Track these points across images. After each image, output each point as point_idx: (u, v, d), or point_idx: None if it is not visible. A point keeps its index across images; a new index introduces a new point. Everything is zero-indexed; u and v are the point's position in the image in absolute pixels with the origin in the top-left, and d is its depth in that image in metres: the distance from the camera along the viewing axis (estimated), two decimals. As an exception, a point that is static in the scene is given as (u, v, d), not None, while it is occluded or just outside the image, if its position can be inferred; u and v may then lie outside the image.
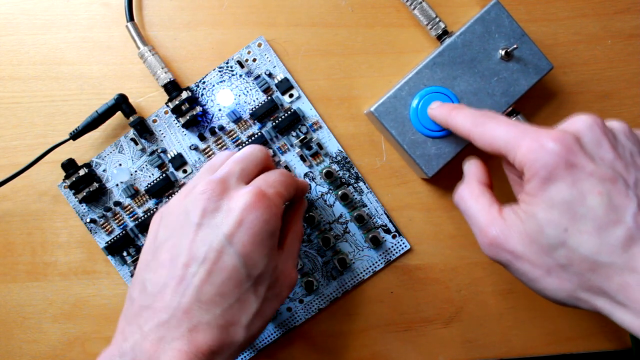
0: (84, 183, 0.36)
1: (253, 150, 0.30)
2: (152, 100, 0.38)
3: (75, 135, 0.36)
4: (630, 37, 0.37)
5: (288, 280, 0.29)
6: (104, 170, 0.37)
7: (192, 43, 0.38)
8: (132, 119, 0.36)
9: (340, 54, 0.37)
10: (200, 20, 0.38)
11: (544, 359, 0.37)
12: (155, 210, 0.36)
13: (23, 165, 0.36)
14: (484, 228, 0.26)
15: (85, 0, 0.38)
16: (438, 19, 0.36)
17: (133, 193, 0.36)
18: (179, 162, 0.36)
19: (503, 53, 0.34)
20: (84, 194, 0.35)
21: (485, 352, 0.36)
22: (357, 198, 0.37)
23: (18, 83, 0.38)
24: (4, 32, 0.38)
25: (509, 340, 0.36)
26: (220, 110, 0.37)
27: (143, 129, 0.36)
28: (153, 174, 0.37)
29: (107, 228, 0.37)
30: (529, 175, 0.25)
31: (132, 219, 0.36)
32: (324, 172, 0.36)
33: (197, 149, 0.37)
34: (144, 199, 0.37)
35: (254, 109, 0.36)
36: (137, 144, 0.37)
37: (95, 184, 0.36)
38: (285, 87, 0.37)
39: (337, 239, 0.36)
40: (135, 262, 0.36)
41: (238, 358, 0.34)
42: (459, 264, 0.37)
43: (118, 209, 0.37)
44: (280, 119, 0.36)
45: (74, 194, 0.36)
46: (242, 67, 0.37)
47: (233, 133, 0.37)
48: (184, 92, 0.36)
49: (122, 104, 0.36)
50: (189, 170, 0.37)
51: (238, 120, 0.37)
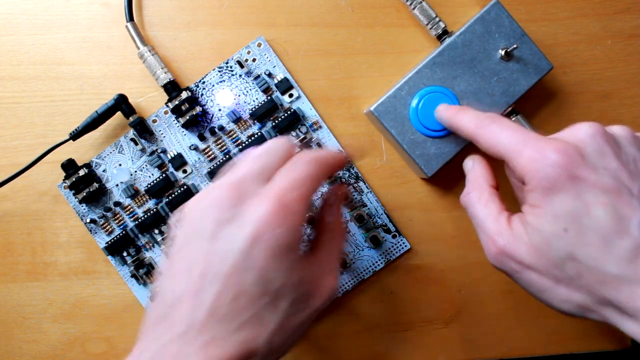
0: (84, 183, 0.36)
1: (275, 144, 0.28)
2: (152, 100, 0.38)
3: (75, 136, 0.36)
4: (630, 37, 0.37)
5: (322, 290, 0.26)
6: (104, 171, 0.37)
7: (192, 43, 0.38)
8: (132, 119, 0.36)
9: (340, 54, 0.37)
10: (200, 20, 0.38)
11: (544, 359, 0.37)
12: (156, 210, 0.36)
13: (23, 165, 0.36)
14: (493, 236, 0.26)
15: (85, 0, 0.38)
16: (438, 19, 0.36)
17: (133, 193, 0.36)
18: (179, 162, 0.36)
19: (503, 53, 0.34)
20: (84, 194, 0.35)
21: (485, 352, 0.36)
22: (357, 198, 0.37)
23: (18, 83, 0.38)
24: (4, 32, 0.38)
25: (509, 340, 0.36)
26: (220, 110, 0.37)
27: (143, 129, 0.36)
28: (153, 174, 0.37)
29: (107, 228, 0.37)
30: (532, 186, 0.25)
31: (132, 219, 0.36)
32: (324, 172, 0.36)
33: (197, 149, 0.37)
34: (144, 199, 0.37)
35: (254, 109, 0.36)
36: (137, 144, 0.37)
37: (95, 184, 0.36)
38: (285, 87, 0.37)
39: (337, 239, 0.36)
40: (135, 262, 0.36)
41: None
42: (459, 264, 0.37)
43: (118, 209, 0.37)
44: (280, 119, 0.36)
45: (74, 194, 0.36)
46: (242, 67, 0.37)
47: (233, 133, 0.37)
48: (184, 92, 0.36)
49: (122, 104, 0.36)
50: (189, 170, 0.37)
51: (238, 120, 0.37)
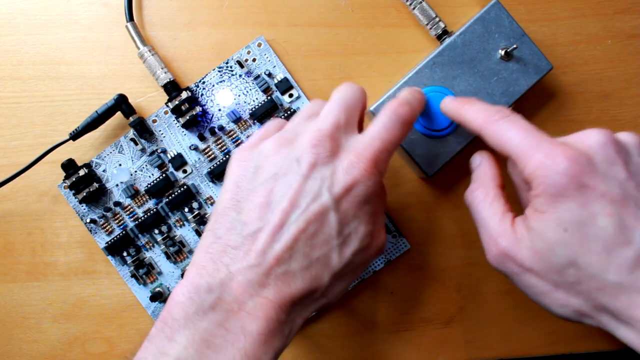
0: (84, 183, 0.36)
1: (355, 93, 0.29)
2: (152, 101, 0.38)
3: (75, 136, 0.36)
4: (630, 37, 0.37)
5: (376, 244, 0.28)
6: (104, 171, 0.37)
7: (192, 43, 0.38)
8: (132, 119, 0.36)
9: (340, 54, 0.37)
10: (200, 20, 0.38)
11: (544, 359, 0.37)
12: (156, 210, 0.36)
13: (23, 165, 0.36)
14: (495, 237, 0.26)
15: (85, 0, 0.38)
16: (438, 19, 0.36)
17: (133, 193, 0.36)
18: (179, 162, 0.36)
19: (503, 53, 0.34)
20: (84, 194, 0.35)
21: (486, 352, 0.36)
22: (357, 198, 0.37)
23: (18, 83, 0.38)
24: (4, 32, 0.38)
25: (509, 340, 0.36)
26: (220, 110, 0.37)
27: (143, 129, 0.36)
28: (153, 174, 0.37)
29: (107, 228, 0.37)
30: (539, 191, 0.24)
31: (132, 219, 0.36)
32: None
33: (197, 149, 0.37)
34: (144, 199, 0.37)
35: (254, 109, 0.36)
36: (137, 144, 0.37)
37: (95, 184, 0.36)
38: (285, 87, 0.37)
39: (337, 239, 0.36)
40: (135, 262, 0.36)
41: None
42: (459, 264, 0.37)
43: (118, 209, 0.37)
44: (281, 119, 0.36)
45: (74, 194, 0.36)
46: (241, 67, 0.37)
47: (233, 133, 0.37)
48: (184, 92, 0.36)
49: (122, 104, 0.36)
50: (189, 170, 0.37)
51: (238, 120, 0.37)
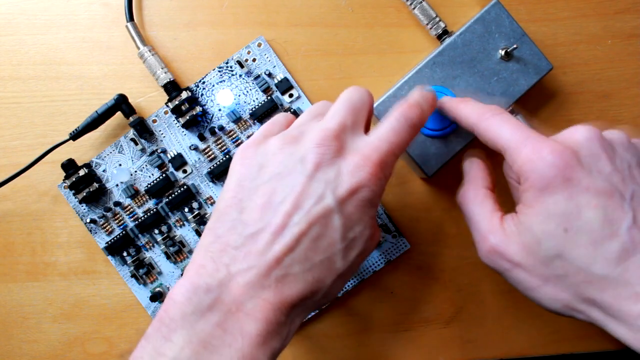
0: (84, 183, 0.36)
1: (362, 96, 0.28)
2: (152, 101, 0.38)
3: (75, 136, 0.36)
4: (630, 37, 0.37)
5: (375, 241, 0.28)
6: (104, 171, 0.37)
7: (192, 43, 0.38)
8: (132, 119, 0.36)
9: (340, 54, 0.37)
10: (200, 20, 0.38)
11: (544, 359, 0.37)
12: (156, 210, 0.36)
13: (23, 166, 0.36)
14: (484, 235, 0.27)
15: (85, 0, 0.38)
16: (438, 19, 0.36)
17: (133, 193, 0.36)
18: (179, 162, 0.36)
19: (503, 53, 0.34)
20: (84, 194, 0.35)
21: (485, 352, 0.36)
22: (357, 198, 0.37)
23: (18, 83, 0.38)
24: (4, 32, 0.38)
25: (509, 340, 0.36)
26: (220, 110, 0.37)
27: (143, 129, 0.36)
28: (153, 174, 0.37)
29: (107, 228, 0.37)
30: (526, 186, 0.25)
31: (132, 219, 0.36)
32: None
33: (197, 149, 0.37)
34: (144, 199, 0.37)
35: (254, 109, 0.36)
36: (137, 144, 0.37)
37: (95, 184, 0.36)
38: (285, 87, 0.37)
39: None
40: (135, 262, 0.36)
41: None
42: (459, 264, 0.37)
43: (118, 209, 0.37)
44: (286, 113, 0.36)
45: (74, 194, 0.36)
46: (242, 67, 0.37)
47: (233, 133, 0.37)
48: (184, 92, 0.36)
49: (122, 104, 0.36)
50: (189, 170, 0.37)
51: (238, 120, 0.37)
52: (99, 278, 0.37)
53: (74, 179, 0.35)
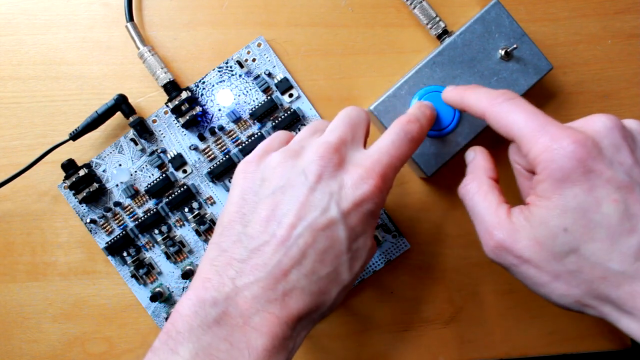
0: (84, 183, 0.36)
1: (359, 114, 0.28)
2: (151, 101, 0.38)
3: (75, 136, 0.36)
4: (630, 37, 0.37)
5: (373, 252, 0.28)
6: (104, 171, 0.37)
7: (191, 43, 0.38)
8: (131, 119, 0.36)
9: (340, 54, 0.37)
10: (200, 20, 0.38)
11: (544, 359, 0.37)
12: (156, 211, 0.36)
13: (23, 166, 0.36)
14: (490, 229, 0.26)
15: (85, 0, 0.38)
16: (438, 19, 0.36)
17: (133, 193, 0.36)
18: (179, 162, 0.36)
19: (503, 53, 0.34)
20: (84, 195, 0.35)
21: (485, 352, 0.36)
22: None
23: (18, 83, 0.38)
24: (4, 32, 0.38)
25: (509, 340, 0.36)
26: (220, 110, 0.37)
27: (143, 129, 0.36)
28: (153, 174, 0.37)
29: (107, 228, 0.37)
30: (543, 176, 0.24)
31: (132, 219, 0.36)
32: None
33: (196, 149, 0.37)
34: (144, 199, 0.37)
35: (254, 109, 0.36)
36: (137, 144, 0.37)
37: (95, 184, 0.36)
38: (285, 87, 0.37)
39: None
40: (135, 262, 0.36)
41: None
42: (459, 264, 0.37)
43: (118, 209, 0.37)
44: (280, 119, 0.36)
45: (74, 194, 0.36)
46: (241, 67, 0.37)
47: (233, 133, 0.37)
48: (184, 92, 0.36)
49: (121, 104, 0.36)
50: (189, 170, 0.37)
51: (238, 120, 0.37)
52: (99, 278, 0.37)
53: (74, 179, 0.35)
